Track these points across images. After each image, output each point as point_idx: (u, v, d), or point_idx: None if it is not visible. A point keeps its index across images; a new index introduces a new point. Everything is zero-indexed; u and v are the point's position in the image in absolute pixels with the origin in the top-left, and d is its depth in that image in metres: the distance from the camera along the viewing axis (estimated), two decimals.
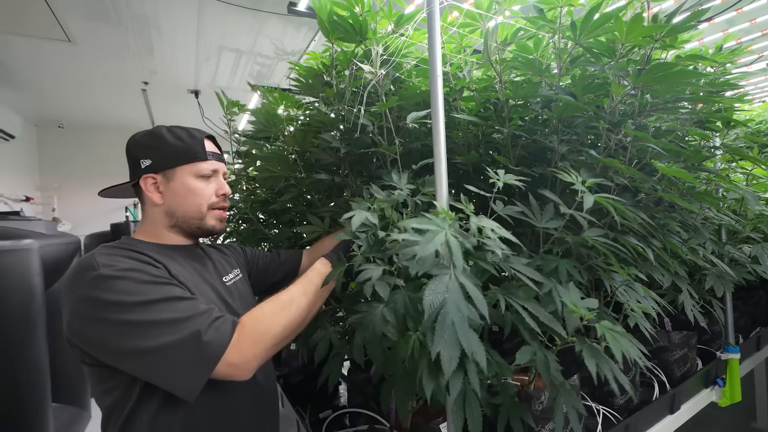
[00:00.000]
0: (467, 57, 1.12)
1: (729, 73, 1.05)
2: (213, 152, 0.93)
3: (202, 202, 0.90)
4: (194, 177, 0.89)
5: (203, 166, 0.90)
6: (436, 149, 0.71)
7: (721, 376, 1.53)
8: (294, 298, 0.82)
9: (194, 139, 0.90)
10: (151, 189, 0.88)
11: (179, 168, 0.88)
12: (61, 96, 4.83)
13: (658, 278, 0.95)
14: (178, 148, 0.88)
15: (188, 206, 0.89)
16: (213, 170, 0.92)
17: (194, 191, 0.89)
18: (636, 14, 0.67)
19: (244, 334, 0.72)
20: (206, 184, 0.91)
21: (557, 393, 0.67)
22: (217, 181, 0.94)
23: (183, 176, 0.88)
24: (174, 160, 0.87)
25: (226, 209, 0.97)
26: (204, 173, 0.90)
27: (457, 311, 0.55)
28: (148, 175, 0.87)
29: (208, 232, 0.95)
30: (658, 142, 0.76)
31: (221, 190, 0.94)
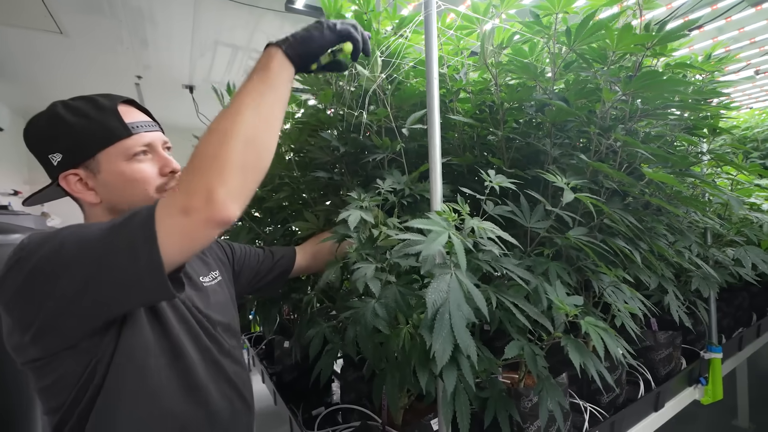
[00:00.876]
0: (464, 59, 1.13)
1: (716, 81, 1.08)
2: (138, 122, 0.73)
3: (147, 188, 0.72)
4: (125, 160, 0.70)
5: (130, 143, 0.70)
6: (431, 152, 0.73)
7: (704, 374, 1.57)
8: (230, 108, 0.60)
9: (104, 111, 0.70)
10: (78, 188, 0.70)
11: (101, 154, 0.69)
12: (51, 88, 4.75)
13: (644, 280, 0.98)
14: (88, 130, 0.68)
15: (131, 197, 0.71)
16: (146, 144, 0.73)
17: (131, 177, 0.71)
18: (626, 24, 0.69)
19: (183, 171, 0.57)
20: (144, 164, 0.72)
21: (542, 387, 0.70)
22: (157, 155, 0.75)
23: (110, 164, 0.69)
24: (89, 146, 0.68)
25: None
26: (135, 150, 0.71)
27: (457, 309, 0.57)
28: (66, 172, 0.69)
29: None
30: (647, 147, 0.78)
31: (166, 167, 0.75)
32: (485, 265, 0.66)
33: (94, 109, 0.70)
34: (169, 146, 0.80)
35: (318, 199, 1.38)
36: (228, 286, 0.94)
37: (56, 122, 0.68)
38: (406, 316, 0.67)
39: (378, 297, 0.70)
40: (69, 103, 0.71)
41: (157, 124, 0.78)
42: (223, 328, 0.83)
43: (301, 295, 1.25)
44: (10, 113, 4.97)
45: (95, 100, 0.71)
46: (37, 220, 2.90)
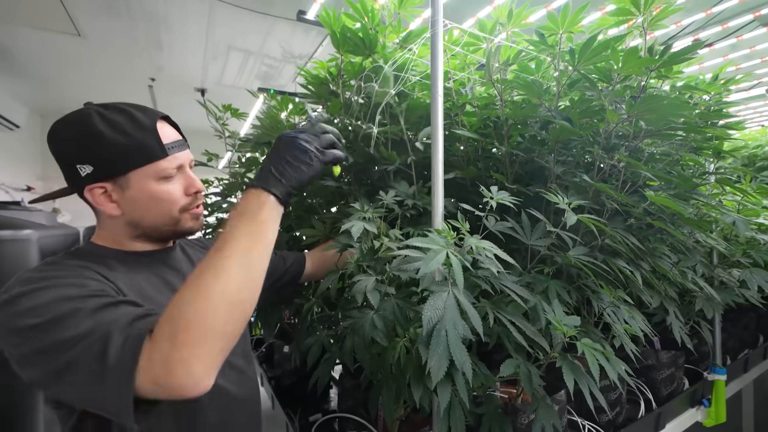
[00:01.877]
0: (470, 74, 1.15)
1: (722, 102, 1.08)
2: (173, 143, 0.73)
3: (172, 208, 0.74)
4: (155, 180, 0.71)
5: (164, 164, 0.71)
6: (434, 168, 0.74)
7: (708, 396, 1.55)
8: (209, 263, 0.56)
9: (143, 130, 0.69)
10: (103, 201, 0.70)
11: (133, 173, 0.69)
12: (68, 88, 4.86)
13: (646, 300, 0.97)
14: (124, 148, 0.67)
15: (155, 215, 0.73)
16: (178, 166, 0.74)
17: (159, 197, 0.71)
18: (632, 47, 0.70)
19: (160, 343, 0.52)
20: (172, 185, 0.73)
21: (537, 406, 0.70)
22: (185, 176, 0.76)
23: (140, 182, 0.70)
24: (123, 164, 0.68)
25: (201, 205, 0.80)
26: (167, 174, 0.71)
27: (453, 328, 0.57)
28: (93, 185, 0.68)
29: (184, 235, 0.80)
30: (649, 169, 0.78)
31: (192, 187, 0.76)
32: (483, 282, 0.67)
33: (132, 126, 0.68)
34: (192, 166, 0.80)
35: (324, 206, 1.39)
36: None
37: (92, 134, 0.66)
38: (403, 329, 0.68)
39: (377, 309, 0.71)
40: (106, 115, 0.68)
41: (185, 140, 0.79)
42: None
43: (303, 300, 1.26)
44: (27, 111, 5.09)
45: (133, 115, 0.70)
46: (48, 216, 2.95)
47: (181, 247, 0.88)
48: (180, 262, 0.83)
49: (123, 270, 0.71)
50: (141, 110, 0.72)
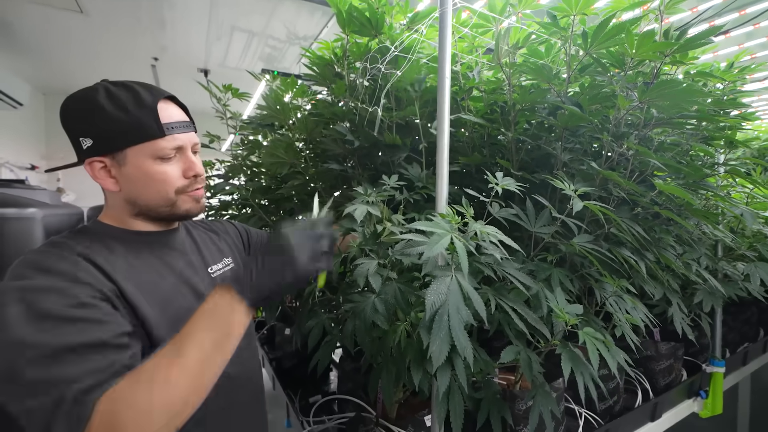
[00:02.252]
0: (478, 57, 1.12)
1: (737, 91, 1.05)
2: (174, 123, 0.72)
3: (167, 189, 0.73)
4: (151, 159, 0.70)
5: (162, 144, 0.70)
6: (439, 153, 0.73)
7: (705, 388, 1.56)
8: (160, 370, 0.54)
9: (143, 108, 0.69)
10: (102, 175, 0.70)
11: (130, 150, 0.69)
12: (71, 66, 4.81)
13: (649, 291, 0.96)
14: (123, 124, 0.67)
15: (151, 194, 0.72)
16: (176, 148, 0.72)
17: (154, 177, 0.71)
18: (648, 30, 0.67)
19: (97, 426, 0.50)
20: (169, 165, 0.72)
21: (536, 392, 0.70)
22: (184, 158, 0.75)
23: (137, 159, 0.69)
24: (121, 140, 0.68)
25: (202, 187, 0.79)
26: (164, 154, 0.70)
27: (456, 312, 0.57)
28: (92, 158, 0.69)
29: (183, 217, 0.79)
30: (659, 157, 0.77)
31: (191, 170, 0.75)
32: (486, 268, 0.66)
33: (134, 103, 0.69)
34: (198, 149, 0.79)
35: (328, 190, 1.38)
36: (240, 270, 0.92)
37: (94, 109, 0.68)
38: (404, 313, 0.68)
39: (378, 293, 0.71)
40: (112, 91, 0.69)
41: (192, 123, 0.78)
42: None
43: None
44: (30, 89, 5.06)
45: (138, 93, 0.70)
46: (52, 195, 2.96)
47: (186, 229, 0.88)
48: (183, 243, 0.83)
49: (124, 253, 0.70)
50: (147, 89, 0.72)
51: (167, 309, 0.70)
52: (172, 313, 0.70)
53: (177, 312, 0.71)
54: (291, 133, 1.38)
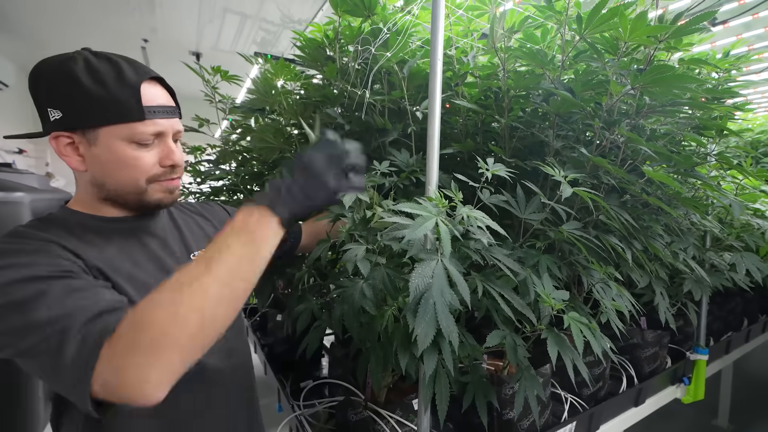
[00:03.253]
0: (473, 42, 1.10)
1: (732, 80, 1.04)
2: (157, 107, 0.65)
3: (138, 175, 0.66)
4: (126, 143, 0.64)
5: (140, 128, 0.63)
6: (429, 137, 0.72)
7: (688, 375, 1.59)
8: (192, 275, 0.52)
9: (124, 86, 0.62)
10: (67, 152, 0.64)
11: (103, 129, 0.62)
12: (57, 47, 4.65)
13: (635, 279, 0.97)
14: (99, 100, 0.61)
15: (120, 179, 0.66)
16: (156, 134, 0.66)
17: (126, 162, 0.64)
18: (640, 13, 0.66)
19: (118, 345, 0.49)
20: (145, 152, 0.66)
21: (521, 376, 0.71)
22: (163, 146, 0.68)
23: (109, 141, 0.63)
24: (93, 117, 0.61)
25: (179, 178, 0.73)
26: (140, 139, 0.64)
27: (440, 295, 0.57)
28: (59, 132, 0.62)
29: (153, 207, 0.72)
30: (650, 144, 0.76)
31: (168, 159, 0.68)
32: (474, 253, 0.66)
33: (115, 79, 0.62)
34: (179, 137, 0.73)
35: None
36: None
37: (69, 79, 0.61)
38: (392, 298, 0.68)
39: (366, 278, 0.70)
40: (91, 62, 0.62)
41: (178, 108, 0.72)
42: None
43: (295, 270, 1.26)
44: (15, 69, 4.92)
45: (121, 68, 0.64)
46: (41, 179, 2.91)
47: (169, 212, 0.83)
48: (164, 228, 0.78)
49: (95, 240, 0.66)
50: (132, 65, 0.66)
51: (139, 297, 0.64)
52: None
53: None
54: (281, 117, 1.36)
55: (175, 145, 0.71)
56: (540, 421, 1.05)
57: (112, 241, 0.68)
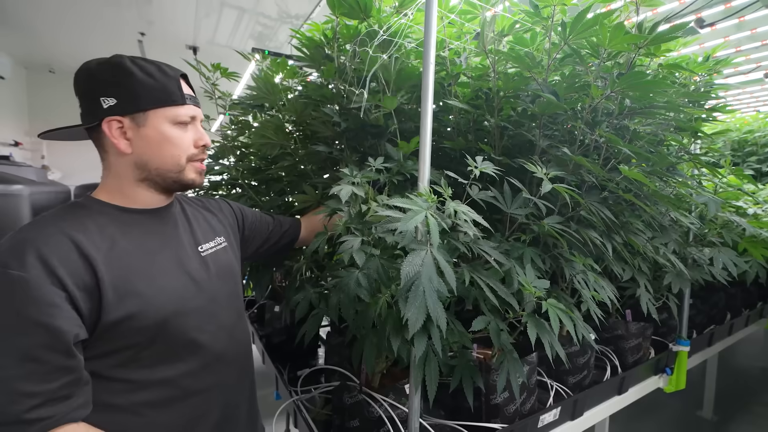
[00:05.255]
0: (466, 43, 1.14)
1: (711, 83, 1.09)
2: (189, 95, 0.79)
3: (180, 153, 0.77)
4: (170, 123, 0.76)
5: (181, 111, 0.76)
6: (422, 134, 0.76)
7: (671, 365, 1.66)
8: None
9: (168, 77, 0.76)
10: (117, 135, 0.73)
11: (152, 111, 0.74)
12: (53, 39, 4.66)
13: (617, 272, 1.03)
14: (150, 87, 0.73)
15: (164, 157, 0.76)
16: (192, 116, 0.79)
17: (171, 140, 0.76)
18: (619, 23, 0.71)
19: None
20: (184, 132, 0.78)
21: (504, 359, 0.76)
22: (195, 129, 0.81)
23: (157, 121, 0.74)
24: (146, 101, 0.73)
25: (204, 161, 0.85)
26: (182, 119, 0.77)
27: (429, 282, 0.62)
28: (112, 117, 0.72)
29: (187, 186, 0.83)
30: (628, 145, 0.81)
31: (201, 140, 0.81)
32: (461, 245, 0.71)
33: (158, 72, 0.75)
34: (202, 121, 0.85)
35: (316, 171, 1.41)
36: (233, 250, 0.96)
37: (123, 71, 0.72)
38: (385, 286, 0.73)
39: (361, 267, 0.75)
40: (136, 61, 0.74)
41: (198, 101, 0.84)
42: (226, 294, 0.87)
43: (293, 262, 1.31)
44: (12, 63, 4.89)
45: (160, 65, 0.76)
46: (38, 172, 2.92)
47: (181, 205, 0.90)
48: (176, 221, 0.85)
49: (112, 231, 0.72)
50: (168, 65, 0.79)
51: (151, 288, 0.72)
52: (155, 293, 0.72)
53: (162, 291, 0.73)
54: (281, 114, 1.39)
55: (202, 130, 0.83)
56: (526, 406, 1.11)
57: (128, 232, 0.74)
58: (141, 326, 0.70)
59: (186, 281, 0.78)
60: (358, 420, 0.94)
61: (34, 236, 0.65)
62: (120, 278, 0.69)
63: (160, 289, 0.74)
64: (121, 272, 0.70)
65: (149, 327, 0.71)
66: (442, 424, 1.02)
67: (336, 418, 1.04)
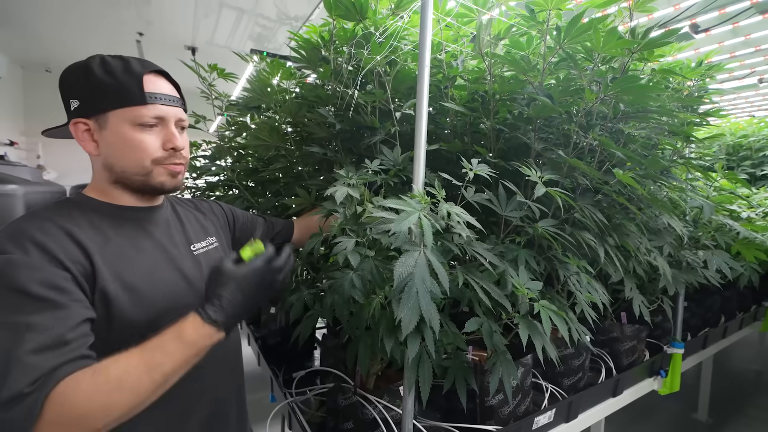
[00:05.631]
0: (463, 46, 1.15)
1: (705, 88, 1.10)
2: (159, 94, 0.74)
3: (143, 156, 0.73)
4: (130, 125, 0.72)
5: (142, 111, 0.72)
6: (417, 136, 0.77)
7: (665, 368, 1.67)
8: (132, 377, 0.59)
9: (130, 74, 0.72)
10: (84, 137, 0.73)
11: (111, 113, 0.71)
12: (50, 39, 4.64)
13: (611, 273, 1.03)
14: (107, 87, 0.70)
15: (127, 160, 0.73)
16: (157, 117, 0.74)
17: (131, 143, 0.72)
18: (611, 29, 0.71)
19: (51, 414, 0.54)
20: (148, 134, 0.73)
21: (497, 360, 0.76)
22: (166, 131, 0.76)
23: (116, 124, 0.72)
24: (103, 102, 0.71)
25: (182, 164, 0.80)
26: (144, 121, 0.72)
27: (422, 283, 0.62)
28: (77, 119, 0.72)
29: (157, 190, 0.78)
30: (620, 149, 0.82)
31: (169, 142, 0.75)
32: (455, 247, 0.72)
33: (122, 70, 0.72)
34: (184, 125, 0.81)
35: (312, 173, 1.41)
36: (225, 250, 0.96)
37: (86, 73, 0.71)
38: (379, 288, 0.73)
39: (356, 269, 0.75)
40: (106, 59, 0.73)
41: (182, 101, 0.80)
42: None
43: None
44: (8, 62, 4.87)
45: (128, 62, 0.74)
46: (33, 172, 2.90)
47: (172, 206, 0.90)
48: (167, 220, 0.85)
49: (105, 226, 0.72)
50: (139, 61, 0.75)
51: (145, 284, 0.72)
52: (149, 288, 0.72)
53: (155, 287, 0.73)
54: (277, 115, 1.39)
55: (179, 133, 0.79)
56: (520, 408, 1.11)
57: (120, 229, 0.74)
58: (133, 321, 0.69)
59: (178, 279, 0.78)
60: (352, 422, 0.94)
61: (27, 226, 0.65)
62: (115, 272, 0.68)
63: (154, 284, 0.73)
64: (116, 266, 0.69)
65: (141, 322, 0.70)
66: (436, 426, 1.02)
67: (330, 420, 1.04)
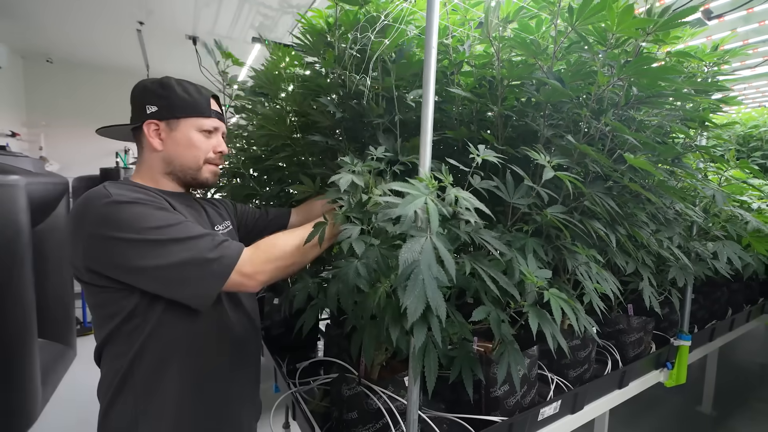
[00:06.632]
0: (469, 30, 1.12)
1: (720, 74, 1.07)
2: (216, 111, 1.01)
3: (200, 155, 0.97)
4: (196, 130, 0.96)
5: (206, 122, 0.97)
6: (423, 122, 0.74)
7: (672, 360, 1.65)
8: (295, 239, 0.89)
9: (201, 95, 0.98)
10: (153, 134, 0.94)
11: (184, 119, 0.94)
12: (51, 28, 4.61)
13: (621, 264, 1.01)
14: (185, 101, 0.94)
15: (187, 156, 0.96)
16: (214, 127, 0.99)
17: (194, 143, 0.96)
18: (628, 5, 0.68)
19: (258, 251, 0.85)
20: (206, 138, 0.98)
21: (504, 350, 0.75)
22: (217, 138, 1.01)
23: (186, 128, 0.95)
24: (180, 111, 0.94)
25: (220, 166, 1.04)
26: (206, 128, 0.97)
27: (428, 269, 0.61)
28: (151, 120, 0.93)
29: (202, 184, 1.02)
30: (634, 134, 0.79)
31: (219, 147, 1.01)
32: (463, 234, 0.70)
33: (195, 91, 0.97)
34: (225, 136, 1.06)
35: (316, 162, 1.39)
36: (234, 236, 1.14)
37: (164, 87, 0.94)
38: (385, 276, 0.71)
39: (361, 257, 0.74)
40: (181, 81, 0.97)
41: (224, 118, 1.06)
42: None
43: None
44: (8, 52, 4.84)
45: (198, 87, 0.99)
46: (36, 163, 2.89)
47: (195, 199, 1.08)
48: (198, 207, 1.05)
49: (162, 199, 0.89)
50: (204, 88, 1.02)
51: None
52: None
53: None
54: (283, 103, 1.37)
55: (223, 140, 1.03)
56: (526, 399, 1.10)
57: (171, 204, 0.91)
58: None
59: None
60: (356, 412, 0.93)
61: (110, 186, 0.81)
62: None
63: None
64: None
65: None
66: (441, 417, 1.02)
67: (334, 410, 1.03)
